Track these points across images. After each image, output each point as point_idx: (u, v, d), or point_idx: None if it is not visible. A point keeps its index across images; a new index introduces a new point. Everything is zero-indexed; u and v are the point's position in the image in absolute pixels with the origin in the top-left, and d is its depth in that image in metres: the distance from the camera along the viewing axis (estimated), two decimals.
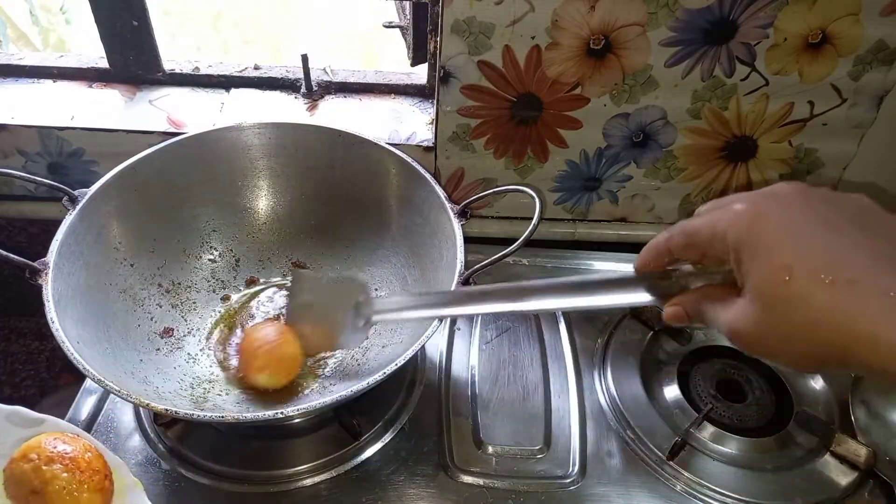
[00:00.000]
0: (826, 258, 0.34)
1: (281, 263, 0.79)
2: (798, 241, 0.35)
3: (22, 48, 1.35)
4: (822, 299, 0.34)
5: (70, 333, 0.56)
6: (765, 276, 0.36)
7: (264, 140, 0.76)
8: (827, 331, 0.34)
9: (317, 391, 0.68)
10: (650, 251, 0.45)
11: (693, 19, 0.70)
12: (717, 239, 0.38)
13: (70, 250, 0.63)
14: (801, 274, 0.34)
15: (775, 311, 0.35)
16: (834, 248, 0.35)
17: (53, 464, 0.50)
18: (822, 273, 0.34)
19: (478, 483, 0.64)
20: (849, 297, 0.33)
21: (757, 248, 0.36)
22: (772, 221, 0.36)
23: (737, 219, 0.37)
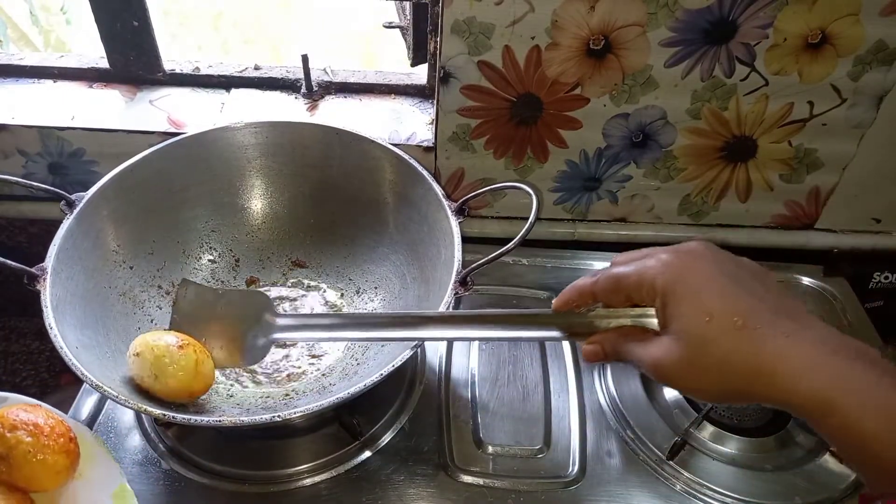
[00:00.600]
0: (738, 307, 0.42)
1: (281, 263, 0.80)
2: (717, 291, 0.43)
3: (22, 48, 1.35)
4: (735, 339, 0.41)
5: (69, 338, 0.56)
6: (690, 317, 0.42)
7: (262, 139, 0.76)
8: (736, 365, 0.41)
9: (318, 391, 0.68)
10: (574, 291, 0.50)
11: (693, 19, 0.70)
12: (646, 284, 0.45)
13: (68, 255, 0.63)
14: (720, 317, 0.42)
15: (697, 347, 0.42)
16: (743, 299, 0.42)
17: (17, 430, 0.51)
18: (736, 318, 0.41)
19: (478, 483, 0.64)
20: (754, 338, 0.41)
21: (684, 294, 0.43)
22: (696, 274, 0.44)
23: (665, 268, 0.44)
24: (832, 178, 0.84)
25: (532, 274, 0.86)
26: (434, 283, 0.67)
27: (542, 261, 0.88)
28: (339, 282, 0.78)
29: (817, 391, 0.39)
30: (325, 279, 0.78)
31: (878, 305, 0.90)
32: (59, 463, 0.52)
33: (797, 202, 0.87)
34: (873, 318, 0.84)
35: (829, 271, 0.88)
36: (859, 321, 0.83)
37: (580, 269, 0.88)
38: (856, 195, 0.86)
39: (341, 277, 0.78)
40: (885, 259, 0.90)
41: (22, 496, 0.51)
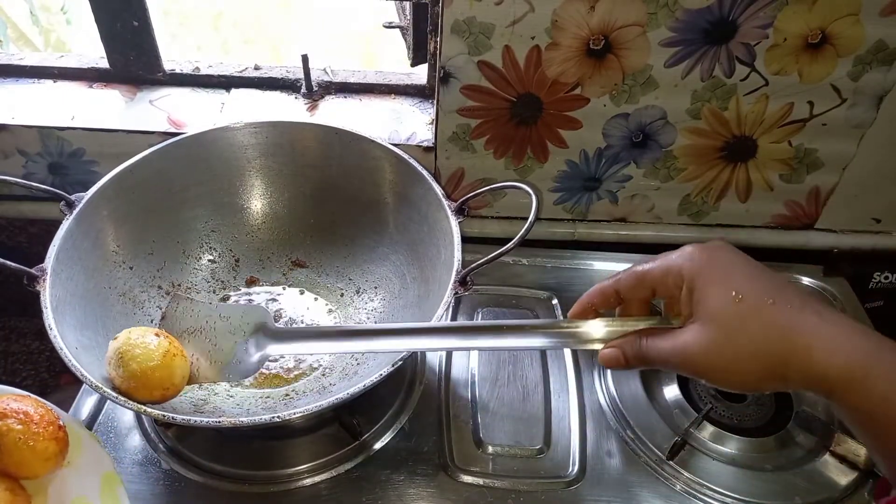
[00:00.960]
0: (768, 286, 0.42)
1: (281, 263, 0.80)
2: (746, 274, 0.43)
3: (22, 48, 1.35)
4: (768, 315, 0.41)
5: (69, 339, 0.56)
6: (720, 298, 0.42)
7: (261, 139, 0.76)
8: (772, 341, 0.41)
9: (317, 391, 0.68)
10: (595, 292, 0.49)
11: (693, 19, 0.70)
12: (672, 272, 0.45)
13: (68, 255, 0.63)
14: (751, 296, 0.42)
15: (729, 327, 0.42)
16: (772, 281, 0.43)
17: (7, 418, 0.52)
18: (767, 297, 0.42)
19: (478, 483, 0.64)
20: (788, 314, 0.41)
21: (712, 276, 0.43)
22: (722, 260, 0.44)
23: (691, 256, 0.45)
24: (832, 178, 0.84)
25: (532, 274, 0.86)
26: (434, 283, 0.67)
27: (542, 261, 0.88)
28: (339, 282, 0.78)
29: (855, 362, 0.39)
30: (326, 279, 0.78)
31: (878, 305, 0.90)
32: (49, 450, 0.53)
33: (797, 202, 0.87)
34: (873, 318, 0.84)
35: (829, 271, 0.88)
36: (859, 321, 0.83)
37: (580, 269, 0.88)
38: (856, 195, 0.86)
39: (341, 277, 0.78)
40: (885, 259, 0.90)
41: (12, 482, 0.52)
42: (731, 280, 0.43)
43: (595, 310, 0.50)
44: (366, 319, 0.75)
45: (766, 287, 0.42)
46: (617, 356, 0.47)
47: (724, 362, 0.42)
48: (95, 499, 0.55)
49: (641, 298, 0.48)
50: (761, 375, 0.42)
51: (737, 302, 0.41)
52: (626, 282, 0.48)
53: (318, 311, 0.76)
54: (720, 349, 0.42)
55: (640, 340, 0.46)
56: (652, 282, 0.46)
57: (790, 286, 0.43)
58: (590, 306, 0.50)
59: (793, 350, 0.40)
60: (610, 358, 0.47)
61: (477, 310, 0.81)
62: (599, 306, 0.50)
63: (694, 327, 0.43)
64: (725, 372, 0.42)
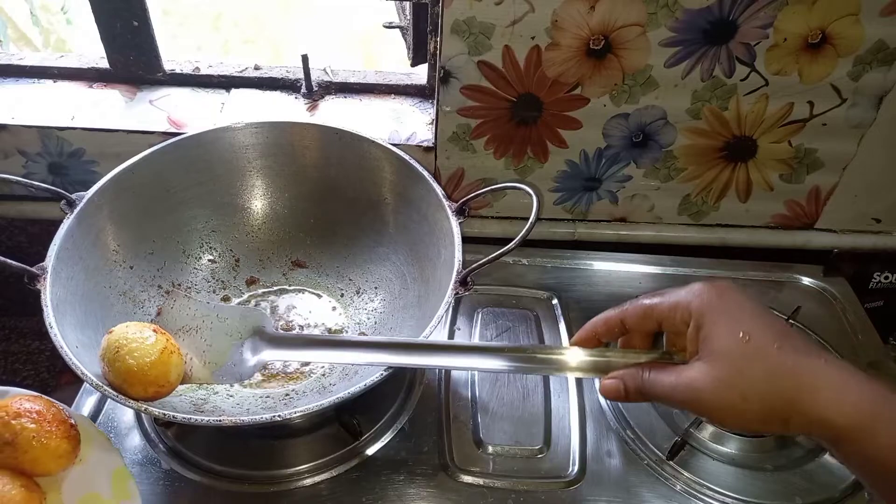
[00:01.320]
0: (776, 329, 0.43)
1: (281, 263, 0.79)
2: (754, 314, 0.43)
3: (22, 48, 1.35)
4: (775, 356, 0.41)
5: (69, 338, 0.56)
6: (728, 337, 0.42)
7: (262, 139, 0.76)
8: (778, 383, 0.41)
9: (318, 391, 0.68)
10: (600, 321, 0.49)
11: (693, 20, 0.70)
12: (680, 309, 0.45)
13: (68, 254, 0.63)
14: (758, 337, 0.42)
15: (735, 366, 0.42)
16: (779, 325, 0.43)
17: (21, 417, 0.53)
18: (774, 339, 0.42)
19: (478, 483, 0.64)
20: (795, 357, 0.41)
21: (720, 314, 0.43)
22: (730, 299, 0.44)
23: (699, 294, 0.45)
24: (832, 178, 0.84)
25: (532, 274, 0.86)
26: (434, 283, 0.67)
27: (542, 261, 0.88)
28: (339, 282, 0.78)
29: (864, 409, 0.39)
30: (325, 279, 0.78)
31: (878, 305, 0.90)
32: (62, 448, 0.54)
33: (797, 202, 0.87)
34: (873, 318, 0.84)
35: (830, 271, 0.88)
36: (859, 321, 0.83)
37: (580, 269, 0.88)
38: (856, 195, 0.86)
39: (341, 278, 0.78)
40: (886, 259, 0.90)
41: (27, 480, 0.53)
42: (740, 320, 0.43)
43: (598, 339, 0.50)
44: (366, 320, 0.75)
45: (773, 330, 0.42)
46: (618, 387, 0.47)
47: (728, 401, 0.42)
48: (107, 494, 0.56)
49: (646, 331, 0.48)
50: (764, 416, 0.42)
51: (744, 342, 0.42)
52: (633, 313, 0.48)
53: (323, 309, 0.76)
54: (725, 387, 0.42)
55: (643, 373, 0.46)
56: (659, 315, 0.46)
57: (796, 331, 0.44)
58: (593, 335, 0.50)
59: (798, 392, 0.40)
60: (610, 389, 0.47)
61: (477, 310, 0.81)
62: (603, 336, 0.49)
63: (699, 364, 0.43)
64: (729, 411, 0.42)
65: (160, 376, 0.55)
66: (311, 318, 0.75)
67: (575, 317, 0.81)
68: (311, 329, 0.74)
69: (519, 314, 0.81)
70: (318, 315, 0.76)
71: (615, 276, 0.87)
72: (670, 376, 0.44)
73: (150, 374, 0.54)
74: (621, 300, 0.80)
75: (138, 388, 0.54)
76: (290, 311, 0.76)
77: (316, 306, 0.76)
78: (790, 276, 0.88)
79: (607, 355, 0.49)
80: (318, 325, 0.75)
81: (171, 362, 0.56)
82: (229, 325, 0.60)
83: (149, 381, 0.54)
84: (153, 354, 0.55)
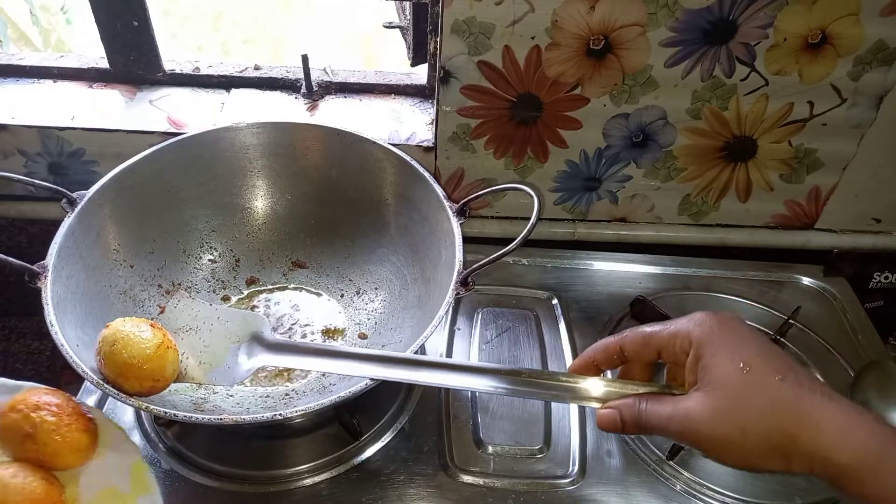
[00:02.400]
0: (778, 362, 0.42)
1: (281, 263, 0.80)
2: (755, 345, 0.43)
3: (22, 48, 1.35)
4: (777, 389, 0.40)
5: (69, 336, 0.56)
6: (728, 367, 0.41)
7: (263, 140, 0.76)
8: (779, 417, 0.39)
9: (318, 391, 0.68)
10: (599, 348, 0.49)
11: (693, 19, 0.70)
12: (680, 337, 0.44)
13: (69, 253, 0.63)
14: (759, 369, 0.41)
15: (736, 396, 0.40)
16: (781, 358, 0.42)
17: (40, 410, 0.53)
18: (776, 372, 0.41)
19: (478, 483, 0.64)
20: (798, 391, 0.40)
21: (722, 344, 0.42)
22: (733, 329, 0.43)
23: (700, 323, 0.44)
24: (832, 178, 0.84)
25: (532, 274, 0.86)
26: (434, 284, 0.67)
27: (542, 261, 0.88)
28: (339, 282, 0.78)
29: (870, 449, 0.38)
30: (326, 280, 0.78)
31: (878, 305, 0.90)
32: (81, 441, 0.54)
33: (797, 202, 0.87)
34: (873, 318, 0.84)
35: (830, 271, 0.88)
36: (859, 321, 0.83)
37: (580, 269, 0.88)
38: (856, 195, 0.86)
39: (341, 278, 0.78)
40: (886, 259, 0.90)
41: (46, 473, 0.53)
42: (741, 350, 0.42)
43: (597, 367, 0.49)
44: (366, 320, 0.75)
45: (775, 362, 0.41)
46: (614, 418, 0.45)
47: (726, 433, 0.40)
48: (126, 488, 0.56)
49: (645, 361, 0.48)
50: (764, 451, 0.40)
51: (745, 373, 0.41)
52: (632, 341, 0.47)
53: (323, 308, 0.76)
54: (724, 419, 0.40)
55: (640, 404, 0.45)
56: (658, 344, 0.45)
57: (799, 366, 0.42)
58: (591, 362, 0.49)
59: (800, 428, 0.39)
60: (607, 420, 0.46)
61: (477, 309, 0.81)
62: (602, 363, 0.49)
63: (698, 395, 0.42)
64: (726, 444, 0.41)
65: (155, 371, 0.55)
66: (311, 317, 0.75)
67: (575, 317, 0.81)
68: (310, 329, 0.74)
69: (519, 314, 0.81)
70: (319, 314, 0.76)
71: (615, 276, 0.87)
72: (667, 407, 0.43)
73: (145, 368, 0.54)
74: (621, 300, 0.82)
75: (133, 382, 0.54)
76: (290, 309, 0.76)
77: (316, 305, 0.76)
78: (790, 276, 0.88)
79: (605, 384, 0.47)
80: (318, 325, 0.75)
81: (167, 358, 0.56)
82: (229, 328, 0.60)
83: (144, 376, 0.54)
84: (149, 349, 0.54)
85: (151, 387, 0.55)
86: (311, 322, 0.75)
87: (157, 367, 0.55)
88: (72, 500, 0.55)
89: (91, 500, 0.55)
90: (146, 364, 0.54)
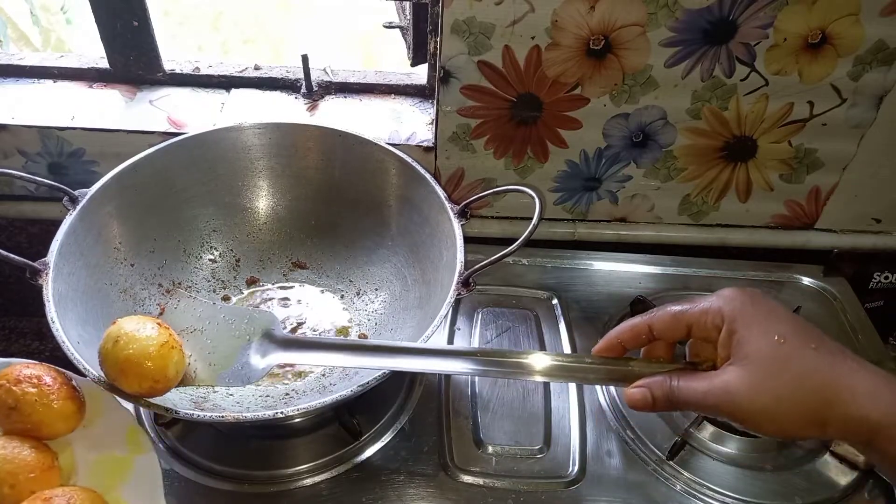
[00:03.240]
0: (809, 333, 0.43)
1: (281, 263, 0.80)
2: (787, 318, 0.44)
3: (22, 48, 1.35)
4: (811, 358, 0.42)
5: (70, 334, 0.56)
6: (763, 340, 0.42)
7: (265, 140, 0.76)
8: (815, 382, 0.41)
9: (318, 391, 0.68)
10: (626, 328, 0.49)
11: (693, 19, 0.70)
12: (711, 313, 0.45)
13: (70, 250, 0.63)
14: (793, 340, 0.42)
15: (771, 367, 0.41)
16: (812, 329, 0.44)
17: (22, 384, 0.55)
18: (810, 342, 0.42)
19: (478, 483, 0.64)
20: (832, 358, 0.42)
21: (754, 318, 0.43)
22: (763, 303, 0.44)
23: (730, 299, 0.45)
24: (832, 178, 0.84)
25: (532, 274, 0.86)
26: (435, 285, 0.68)
27: (543, 261, 0.88)
28: (339, 283, 0.78)
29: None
30: (326, 280, 0.78)
31: (878, 305, 0.90)
32: (67, 408, 0.55)
33: (797, 202, 0.87)
34: (873, 318, 0.84)
35: (829, 271, 0.88)
36: (859, 321, 0.83)
37: (580, 269, 0.88)
38: (856, 195, 0.86)
39: (342, 279, 0.78)
40: (886, 259, 0.90)
41: (37, 443, 0.54)
42: (773, 323, 0.43)
43: (623, 347, 0.49)
44: (366, 321, 0.75)
45: (808, 333, 0.43)
46: (645, 396, 0.45)
47: (765, 404, 0.41)
48: (123, 451, 0.58)
49: (673, 339, 0.48)
50: (802, 419, 0.41)
51: (780, 344, 0.42)
52: (661, 319, 0.47)
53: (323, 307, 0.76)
54: (763, 390, 0.41)
55: (671, 381, 0.45)
56: (689, 320, 0.46)
57: (827, 336, 0.43)
58: (618, 343, 0.49)
59: (837, 393, 0.40)
60: (637, 398, 0.46)
61: (477, 309, 0.81)
62: (629, 343, 0.49)
63: (733, 369, 0.43)
64: (766, 414, 0.42)
65: (157, 370, 0.53)
66: (315, 316, 0.75)
67: (575, 317, 0.81)
68: (312, 328, 0.74)
69: (519, 314, 0.81)
70: (319, 313, 0.76)
71: (615, 276, 0.87)
72: (702, 382, 0.43)
73: (145, 367, 0.52)
74: (621, 300, 0.82)
75: (133, 381, 0.52)
76: (292, 309, 0.76)
77: (316, 304, 0.76)
78: (790, 276, 0.88)
79: (631, 364, 0.47)
80: (324, 324, 0.75)
81: (170, 357, 0.54)
82: (236, 327, 0.58)
83: (143, 374, 0.52)
84: (152, 346, 0.53)
85: (151, 387, 0.53)
86: (317, 321, 0.75)
87: (159, 366, 0.53)
88: (68, 466, 0.56)
89: (90, 465, 0.57)
90: (147, 361, 0.52)
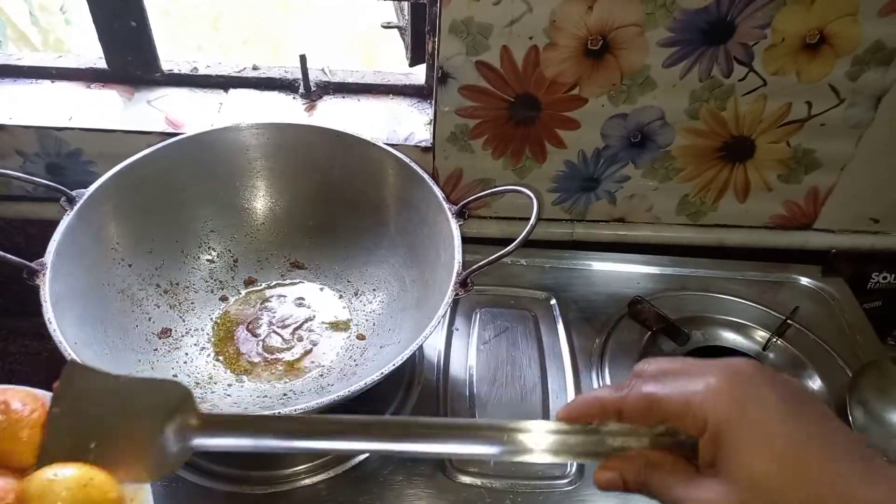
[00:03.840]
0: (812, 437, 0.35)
1: (279, 264, 0.79)
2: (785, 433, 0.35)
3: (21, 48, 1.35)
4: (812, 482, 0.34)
5: (68, 334, 0.56)
6: (754, 464, 0.35)
7: (263, 140, 0.76)
8: None
9: (315, 391, 0.68)
10: (595, 402, 0.41)
11: (691, 20, 0.70)
12: (692, 412, 0.37)
13: (68, 251, 0.63)
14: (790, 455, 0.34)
15: (763, 499, 0.34)
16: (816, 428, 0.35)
17: None
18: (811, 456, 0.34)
19: (476, 483, 0.64)
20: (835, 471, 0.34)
21: (745, 434, 0.35)
22: (755, 402, 0.36)
23: (717, 397, 0.36)
24: (830, 178, 0.84)
25: (530, 274, 0.86)
26: (434, 285, 0.67)
27: (541, 261, 0.88)
28: (337, 284, 0.78)
29: None
30: (324, 281, 0.78)
31: (876, 306, 0.91)
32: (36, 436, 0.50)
33: (795, 202, 0.87)
34: (871, 318, 0.84)
35: (828, 272, 0.88)
36: (857, 322, 0.83)
37: (578, 270, 0.88)
38: (854, 195, 0.86)
39: (340, 279, 0.78)
40: (884, 259, 0.90)
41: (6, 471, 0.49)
42: (768, 441, 0.35)
43: (589, 421, 0.41)
44: (364, 322, 0.75)
45: (807, 450, 0.35)
46: (614, 480, 0.39)
47: None
48: None
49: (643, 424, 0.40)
50: None
51: (775, 471, 0.34)
52: (633, 405, 0.40)
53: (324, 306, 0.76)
54: None
55: (648, 473, 0.39)
56: (665, 413, 0.38)
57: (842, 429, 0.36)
58: (583, 417, 0.41)
59: None
60: (608, 481, 0.40)
61: (475, 310, 0.81)
62: (595, 418, 0.41)
63: (718, 487, 0.36)
64: None
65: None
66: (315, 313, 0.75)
67: (573, 317, 0.81)
68: (314, 325, 0.74)
69: (517, 314, 0.81)
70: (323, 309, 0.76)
71: (613, 277, 0.87)
72: (681, 489, 0.37)
73: None
74: (619, 300, 0.82)
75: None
76: (292, 308, 0.76)
77: (318, 301, 0.76)
78: (788, 276, 0.89)
79: (602, 431, 0.40)
80: (323, 319, 0.75)
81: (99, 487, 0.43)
82: (146, 404, 0.43)
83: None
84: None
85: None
86: (316, 317, 0.75)
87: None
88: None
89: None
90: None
